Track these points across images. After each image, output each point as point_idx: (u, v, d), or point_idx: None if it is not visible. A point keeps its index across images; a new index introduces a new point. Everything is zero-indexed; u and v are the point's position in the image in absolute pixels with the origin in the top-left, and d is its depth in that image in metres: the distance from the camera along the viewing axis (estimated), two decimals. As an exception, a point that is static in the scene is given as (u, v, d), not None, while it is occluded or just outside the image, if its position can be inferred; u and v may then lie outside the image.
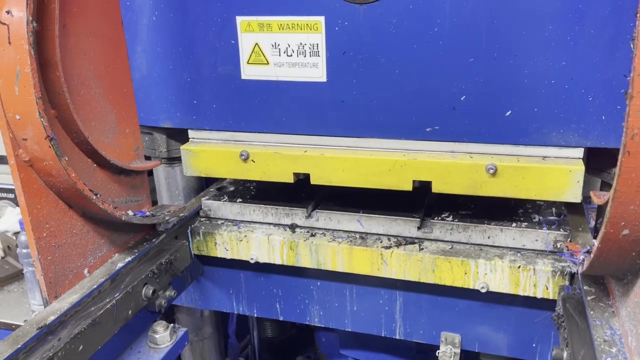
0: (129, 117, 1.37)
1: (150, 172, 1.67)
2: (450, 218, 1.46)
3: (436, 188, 1.37)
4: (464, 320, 1.50)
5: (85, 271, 1.26)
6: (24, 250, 1.76)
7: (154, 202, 1.69)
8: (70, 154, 1.18)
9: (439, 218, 1.46)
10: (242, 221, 1.62)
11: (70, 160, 1.14)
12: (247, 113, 1.51)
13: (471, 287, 1.38)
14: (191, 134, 1.62)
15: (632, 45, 0.71)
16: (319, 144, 1.50)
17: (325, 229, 1.55)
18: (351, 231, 1.53)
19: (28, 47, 0.97)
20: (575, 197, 1.27)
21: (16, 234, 2.09)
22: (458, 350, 1.52)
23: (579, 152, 1.30)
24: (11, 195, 2.42)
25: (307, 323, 1.67)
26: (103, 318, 1.20)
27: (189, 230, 1.59)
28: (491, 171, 1.31)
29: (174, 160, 1.75)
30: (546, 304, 1.36)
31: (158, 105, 1.58)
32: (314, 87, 1.43)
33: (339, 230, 1.54)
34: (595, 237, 1.37)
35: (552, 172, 1.28)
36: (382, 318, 1.57)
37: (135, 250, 1.37)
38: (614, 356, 0.96)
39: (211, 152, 1.55)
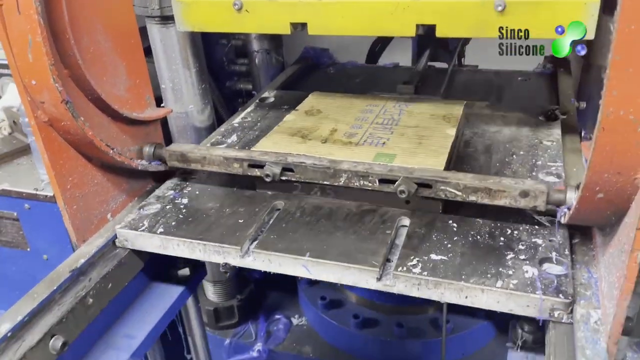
0: (138, 67, 1.41)
1: (147, 51, 1.58)
2: (418, 269, 1.12)
3: (440, 32, 1.29)
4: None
5: (109, 216, 1.38)
6: (26, 119, 1.66)
7: (152, 71, 1.59)
8: (85, 110, 1.24)
9: (404, 269, 1.12)
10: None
11: (86, 117, 1.21)
12: (238, -44, 1.37)
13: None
14: (182, -15, 1.50)
15: (611, 27, 0.73)
16: None
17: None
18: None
19: (37, 17, 1.01)
20: (589, 33, 1.18)
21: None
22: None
23: None
24: (12, 71, 2.29)
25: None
26: (128, 258, 1.33)
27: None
28: (499, 8, 1.21)
29: (168, 19, 1.68)
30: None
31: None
32: None
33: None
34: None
35: (565, 5, 1.18)
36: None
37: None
38: (587, 299, 1.06)
39: (203, 3, 1.47)
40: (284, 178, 1.34)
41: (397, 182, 1.24)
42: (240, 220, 1.31)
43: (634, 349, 1.17)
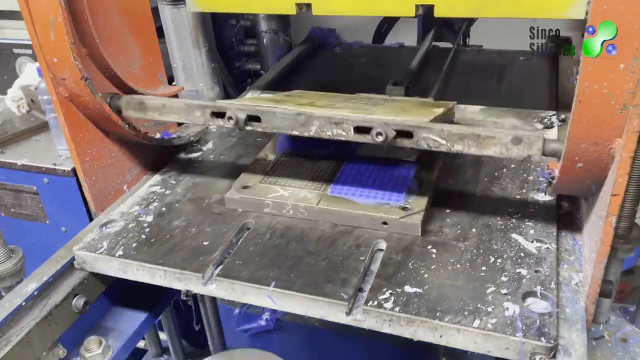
0: (151, 47, 1.49)
1: (159, 32, 1.61)
2: (390, 303, 1.03)
3: (439, 12, 1.30)
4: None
5: (125, 187, 1.47)
6: (45, 97, 1.79)
7: (163, 51, 1.65)
8: (102, 87, 1.32)
9: (375, 303, 1.04)
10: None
11: (103, 93, 1.29)
12: None
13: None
14: (191, -35, 1.56)
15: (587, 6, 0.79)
16: None
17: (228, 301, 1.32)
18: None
19: (59, -2, 1.09)
20: (579, 13, 1.15)
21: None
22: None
23: None
24: (29, 51, 2.25)
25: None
26: (143, 227, 1.42)
27: (212, 146, 1.73)
28: None
29: (179, 0, 1.76)
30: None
31: None
32: None
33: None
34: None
35: None
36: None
37: (166, 167, 1.56)
38: (571, 263, 1.13)
39: None
40: (249, 128, 1.20)
41: (374, 127, 1.10)
42: (205, 242, 1.22)
43: (617, 312, 1.25)
